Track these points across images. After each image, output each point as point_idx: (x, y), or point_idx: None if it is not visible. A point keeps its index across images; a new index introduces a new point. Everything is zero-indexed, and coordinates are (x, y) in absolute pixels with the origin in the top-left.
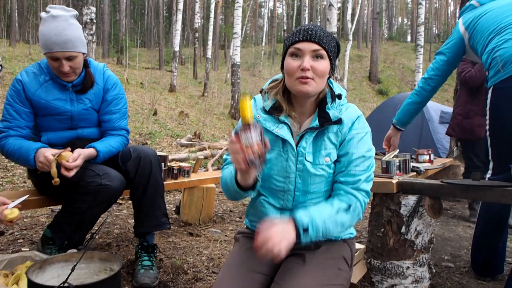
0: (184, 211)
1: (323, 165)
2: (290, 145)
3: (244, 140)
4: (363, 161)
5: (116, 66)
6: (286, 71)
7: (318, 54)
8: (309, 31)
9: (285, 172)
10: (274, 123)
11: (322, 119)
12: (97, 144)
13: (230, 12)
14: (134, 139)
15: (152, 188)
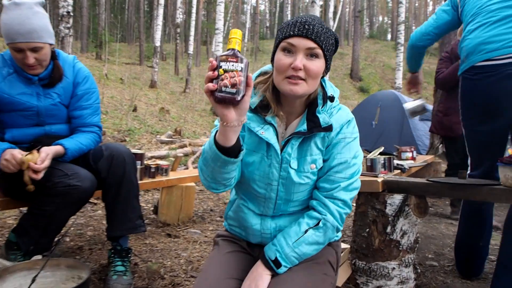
0: (162, 211)
1: (307, 172)
2: (275, 150)
3: (223, 64)
4: (346, 167)
5: (95, 61)
6: (276, 67)
7: (313, 53)
8: (305, 25)
9: (267, 179)
10: (259, 124)
11: (310, 123)
12: (66, 141)
13: (213, 8)
14: (113, 135)
15: (126, 188)
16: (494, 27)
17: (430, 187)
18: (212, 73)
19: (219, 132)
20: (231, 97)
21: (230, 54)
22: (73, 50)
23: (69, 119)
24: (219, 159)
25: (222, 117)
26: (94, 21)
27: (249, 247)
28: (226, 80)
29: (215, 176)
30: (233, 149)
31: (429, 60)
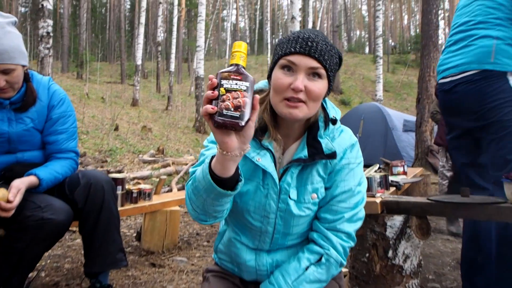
0: (145, 239)
1: (308, 203)
2: (272, 179)
3: (225, 83)
4: (350, 196)
5: (76, 80)
6: (274, 87)
7: (315, 73)
8: (308, 41)
9: (264, 211)
10: (255, 149)
11: (311, 149)
12: (39, 170)
13: (193, 26)
14: (93, 156)
15: (105, 219)
16: (447, 51)
17: (432, 207)
18: (211, 93)
19: (216, 160)
20: (233, 122)
21: (233, 70)
22: (53, 70)
23: (44, 145)
24: (213, 190)
25: (221, 144)
26: (75, 41)
27: (243, 284)
28: (228, 102)
29: (206, 208)
30: (231, 181)
31: (407, 72)
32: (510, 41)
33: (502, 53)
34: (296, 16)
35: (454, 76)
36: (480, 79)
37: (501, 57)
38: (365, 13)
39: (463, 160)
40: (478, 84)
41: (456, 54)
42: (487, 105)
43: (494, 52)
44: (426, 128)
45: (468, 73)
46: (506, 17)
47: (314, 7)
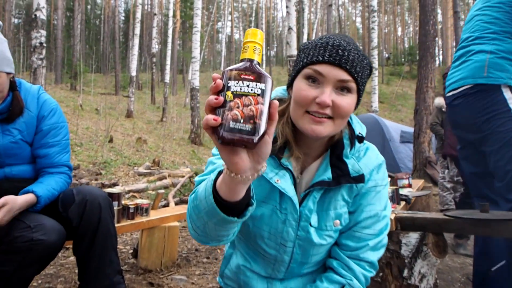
0: (142, 256)
1: (330, 230)
2: (292, 203)
3: (232, 85)
4: (376, 221)
5: (69, 92)
6: (296, 99)
7: (344, 86)
8: (339, 50)
9: (280, 238)
10: (273, 168)
11: (336, 171)
12: (37, 187)
13: (188, 37)
14: (87, 169)
15: (102, 238)
16: (452, 67)
17: (450, 223)
18: (214, 99)
19: (222, 181)
20: (244, 138)
21: (245, 68)
22: (47, 82)
23: (33, 158)
24: (216, 215)
25: (229, 165)
26: (69, 52)
27: None
28: (236, 111)
29: (208, 231)
30: (239, 206)
31: (401, 83)
32: (504, 54)
33: (495, 67)
34: (292, 27)
35: (454, 90)
36: (474, 92)
37: (494, 71)
38: (359, 25)
39: (471, 170)
40: (473, 98)
41: (456, 70)
42: (481, 117)
43: (487, 66)
44: (424, 139)
45: (464, 88)
46: (502, 30)
47: (308, 19)
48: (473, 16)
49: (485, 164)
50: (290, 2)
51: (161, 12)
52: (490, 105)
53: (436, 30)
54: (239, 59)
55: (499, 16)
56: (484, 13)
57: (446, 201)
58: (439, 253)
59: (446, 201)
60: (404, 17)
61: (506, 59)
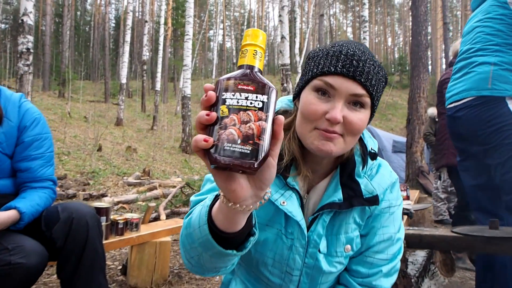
0: (132, 273)
1: (341, 257)
2: (299, 228)
3: (228, 97)
4: (389, 245)
5: (57, 99)
6: (303, 113)
7: (358, 101)
8: (354, 60)
9: (286, 266)
10: (278, 188)
11: (348, 191)
12: (20, 203)
13: (179, 45)
14: (75, 179)
15: (89, 260)
16: (452, 78)
17: (460, 241)
18: (206, 115)
19: (219, 210)
20: (242, 163)
21: (242, 76)
22: (34, 88)
23: (14, 172)
24: (211, 248)
25: (226, 193)
26: (57, 58)
27: None
28: (232, 129)
29: (204, 263)
30: (239, 237)
31: (391, 93)
32: (508, 66)
33: (499, 79)
34: (285, 35)
35: (457, 102)
36: (479, 104)
37: (499, 83)
38: (350, 35)
39: (472, 183)
40: (478, 109)
41: (458, 81)
42: (487, 129)
43: (491, 78)
44: (417, 149)
45: (468, 99)
46: (504, 43)
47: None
48: (473, 28)
49: (486, 176)
50: (283, 10)
51: (152, 20)
52: (495, 117)
53: (428, 40)
54: (237, 65)
55: (502, 28)
56: (486, 24)
57: (440, 212)
58: (447, 271)
59: (440, 212)
60: (394, 28)
61: (510, 70)
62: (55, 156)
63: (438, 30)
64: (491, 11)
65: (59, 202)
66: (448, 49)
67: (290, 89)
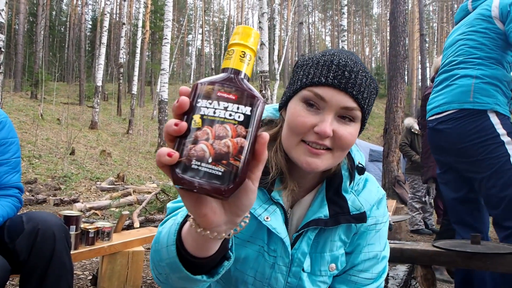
0: (103, 285)
1: (325, 276)
2: (283, 245)
3: (204, 106)
4: (374, 264)
5: (30, 100)
6: (290, 125)
7: (349, 115)
8: (346, 71)
9: (267, 285)
10: (262, 203)
11: (334, 207)
12: None
13: (157, 49)
14: (45, 183)
15: (55, 274)
16: (434, 91)
17: (441, 256)
18: (174, 125)
19: (188, 232)
20: (209, 186)
21: (224, 81)
22: (4, 89)
23: None
24: (178, 271)
25: (196, 217)
26: (30, 58)
27: None
28: (203, 144)
29: (172, 283)
30: (210, 263)
31: None
32: (489, 80)
33: (481, 92)
34: (265, 42)
35: (438, 115)
36: (461, 117)
37: (480, 96)
38: (328, 44)
39: (452, 196)
40: (460, 122)
41: (440, 94)
42: (469, 142)
43: (473, 91)
44: (393, 159)
45: (450, 112)
46: (487, 56)
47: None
48: (456, 41)
49: (467, 189)
50: (263, 17)
51: (130, 22)
52: (477, 130)
53: (406, 51)
54: (221, 67)
55: (485, 42)
56: (469, 37)
57: (416, 221)
58: (428, 286)
59: (416, 221)
60: (371, 38)
61: (492, 84)
62: (25, 159)
63: (415, 41)
64: (475, 24)
65: (28, 208)
66: (424, 60)
67: (269, 95)
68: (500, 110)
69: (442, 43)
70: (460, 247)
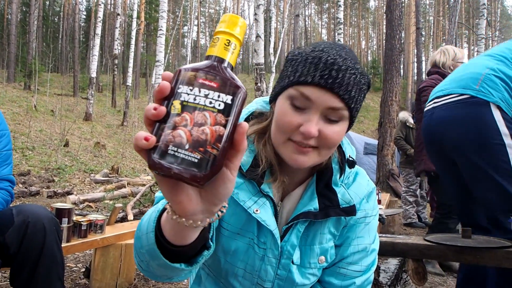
0: (96, 277)
1: (315, 268)
2: (273, 238)
3: (184, 92)
4: (364, 256)
5: (23, 91)
6: (278, 123)
7: (335, 115)
8: (333, 70)
9: (257, 278)
10: (252, 195)
11: (324, 201)
12: None
13: (152, 40)
14: (39, 175)
15: (46, 268)
16: None
17: (432, 250)
18: (153, 109)
19: (166, 220)
20: (184, 173)
21: (206, 68)
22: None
23: None
24: (157, 258)
25: (172, 204)
26: (23, 49)
27: None
28: (181, 130)
29: (153, 271)
30: (189, 251)
31: None
32: (502, 76)
33: (488, 83)
34: (261, 34)
35: (438, 99)
36: (460, 105)
37: (487, 86)
38: (324, 37)
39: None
40: (459, 109)
41: (449, 79)
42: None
43: (481, 81)
44: (388, 152)
45: (451, 96)
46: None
47: (275, 28)
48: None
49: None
50: (259, 9)
51: (124, 13)
52: (479, 125)
53: (402, 44)
54: (206, 54)
55: None
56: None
57: (409, 215)
58: (419, 280)
59: (409, 215)
60: (368, 31)
61: (503, 80)
62: (19, 151)
63: (411, 34)
64: None
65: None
66: (420, 54)
67: (264, 88)
68: (504, 107)
69: (438, 37)
70: (451, 241)
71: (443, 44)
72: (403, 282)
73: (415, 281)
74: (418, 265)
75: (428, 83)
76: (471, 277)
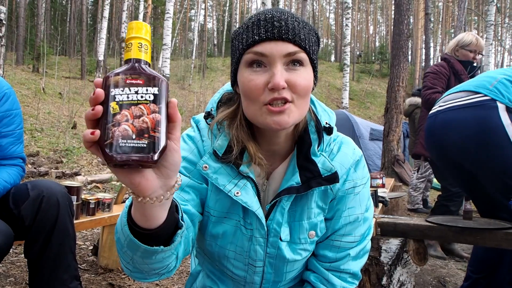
0: (103, 254)
1: (305, 243)
2: (257, 219)
3: (117, 93)
4: (356, 227)
5: (31, 74)
6: (245, 93)
7: (295, 59)
8: (274, 21)
9: (248, 258)
10: (231, 178)
11: (305, 173)
12: None
13: (159, 24)
14: (47, 156)
15: (58, 240)
16: None
17: (433, 230)
18: (91, 110)
19: (134, 207)
20: (140, 158)
21: (130, 70)
22: (6, 62)
23: None
24: (138, 248)
25: (133, 188)
26: (31, 32)
27: None
28: (126, 125)
29: (139, 267)
30: (163, 232)
31: (371, 81)
32: None
33: (501, 86)
34: None
35: (448, 101)
36: (467, 107)
37: (499, 88)
38: (332, 22)
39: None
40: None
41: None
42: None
43: (495, 83)
44: (393, 138)
45: (457, 100)
46: None
47: None
48: None
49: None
50: None
51: None
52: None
53: (409, 30)
54: (124, 59)
55: None
56: None
57: (416, 201)
58: (420, 260)
59: (416, 201)
60: (376, 16)
61: None
62: (28, 133)
63: (420, 20)
64: None
65: (30, 179)
66: (428, 40)
67: None
68: None
69: (447, 23)
70: (451, 222)
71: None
72: (404, 262)
73: (415, 261)
74: (419, 246)
75: (431, 69)
76: (483, 259)
